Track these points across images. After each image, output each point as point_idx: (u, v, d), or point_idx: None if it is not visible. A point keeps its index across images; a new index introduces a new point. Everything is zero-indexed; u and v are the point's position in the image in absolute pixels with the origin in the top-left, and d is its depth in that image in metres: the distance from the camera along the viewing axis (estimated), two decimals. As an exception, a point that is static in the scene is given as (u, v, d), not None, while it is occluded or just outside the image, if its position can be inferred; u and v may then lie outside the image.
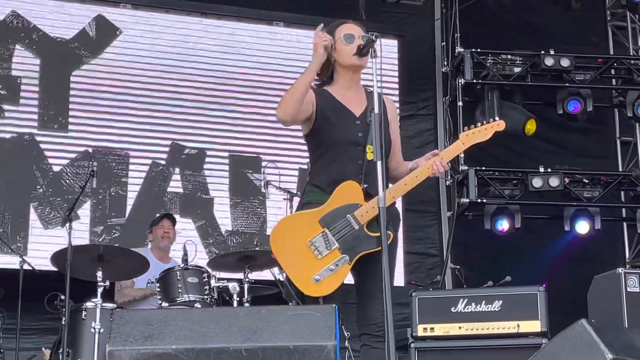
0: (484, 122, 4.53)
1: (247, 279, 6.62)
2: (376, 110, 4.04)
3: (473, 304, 6.00)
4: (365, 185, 4.28)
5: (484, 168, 9.21)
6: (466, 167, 9.16)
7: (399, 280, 8.72)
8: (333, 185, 4.30)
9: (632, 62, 9.88)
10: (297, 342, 3.87)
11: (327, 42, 4.31)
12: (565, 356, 3.94)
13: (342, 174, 4.31)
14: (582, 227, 9.30)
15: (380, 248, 3.93)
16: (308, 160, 4.65)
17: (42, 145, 8.54)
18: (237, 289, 6.38)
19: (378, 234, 3.99)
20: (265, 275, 6.98)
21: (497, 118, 4.57)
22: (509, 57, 9.49)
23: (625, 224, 10.28)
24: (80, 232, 8.16)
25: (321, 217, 4.26)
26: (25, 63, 8.64)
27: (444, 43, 9.98)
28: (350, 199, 4.27)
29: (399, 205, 4.51)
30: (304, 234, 4.25)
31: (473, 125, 4.51)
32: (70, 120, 8.66)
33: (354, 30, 4.44)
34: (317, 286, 4.20)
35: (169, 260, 7.57)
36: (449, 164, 4.53)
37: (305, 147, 4.57)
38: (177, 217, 8.52)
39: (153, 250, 7.58)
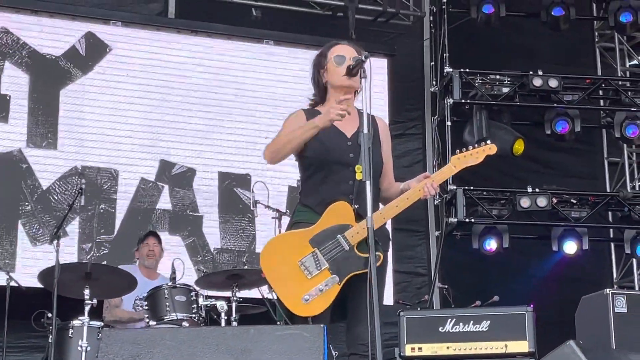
0: (475, 145, 4.54)
1: (235, 298, 6.61)
2: (365, 130, 4.05)
3: (461, 323, 5.99)
4: (356, 206, 4.27)
5: (472, 188, 9.22)
6: (454, 187, 9.18)
7: (388, 299, 8.71)
8: (323, 205, 4.30)
9: (619, 83, 9.94)
10: (286, 362, 3.87)
11: (340, 117, 4.25)
12: (553, 377, 3.95)
13: (333, 195, 4.31)
14: (570, 247, 9.31)
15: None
16: (297, 178, 4.65)
17: (31, 162, 8.51)
18: (225, 307, 6.38)
19: (368, 255, 3.98)
20: (254, 293, 6.98)
21: (488, 142, 4.57)
22: (498, 77, 9.52)
23: (612, 245, 10.32)
24: (69, 249, 8.14)
25: (311, 237, 4.25)
26: (14, 80, 8.62)
27: (433, 63, 10.01)
28: (341, 220, 4.27)
29: (387, 225, 4.51)
30: (294, 253, 4.24)
31: (465, 149, 4.52)
32: (59, 137, 8.64)
33: (345, 52, 4.45)
34: (307, 306, 4.20)
35: (157, 276, 7.56)
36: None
37: (295, 165, 4.58)
38: (165, 234, 8.52)
39: (140, 268, 7.57)
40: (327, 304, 4.21)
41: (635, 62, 10.99)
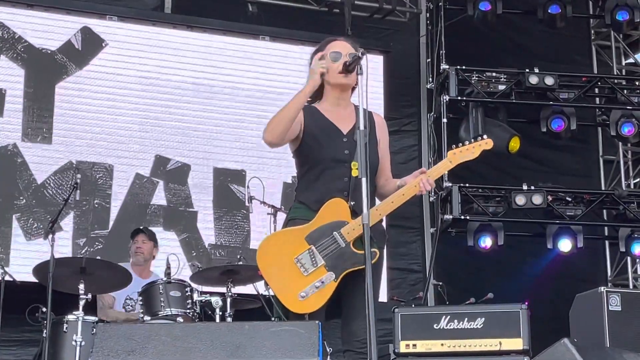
0: (472, 140, 4.54)
1: (229, 293, 6.61)
2: (361, 127, 4.05)
3: (455, 321, 5.98)
4: (352, 203, 4.28)
5: (467, 185, 9.21)
6: (450, 184, 9.17)
7: (383, 296, 8.71)
8: (319, 202, 4.31)
9: (615, 81, 9.95)
10: (280, 358, 3.88)
11: (324, 69, 4.33)
12: (547, 375, 3.95)
13: (328, 191, 4.31)
14: (565, 245, 9.30)
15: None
16: (292, 174, 4.66)
17: (26, 157, 8.48)
18: (220, 303, 6.37)
19: (364, 252, 3.98)
20: (248, 289, 6.98)
21: (484, 136, 4.57)
22: (494, 74, 9.52)
23: (607, 243, 10.32)
24: (63, 244, 8.13)
25: (307, 234, 4.25)
26: (10, 74, 8.60)
27: (429, 59, 10.01)
28: (337, 216, 4.27)
29: (383, 222, 4.51)
30: (290, 250, 4.24)
31: (461, 144, 4.52)
32: (55, 131, 8.62)
33: (342, 48, 4.45)
34: (303, 303, 4.19)
35: (150, 274, 7.53)
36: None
37: (290, 161, 4.58)
38: (160, 229, 8.50)
39: (133, 266, 7.54)
40: (323, 300, 4.21)
41: (631, 60, 11.01)
